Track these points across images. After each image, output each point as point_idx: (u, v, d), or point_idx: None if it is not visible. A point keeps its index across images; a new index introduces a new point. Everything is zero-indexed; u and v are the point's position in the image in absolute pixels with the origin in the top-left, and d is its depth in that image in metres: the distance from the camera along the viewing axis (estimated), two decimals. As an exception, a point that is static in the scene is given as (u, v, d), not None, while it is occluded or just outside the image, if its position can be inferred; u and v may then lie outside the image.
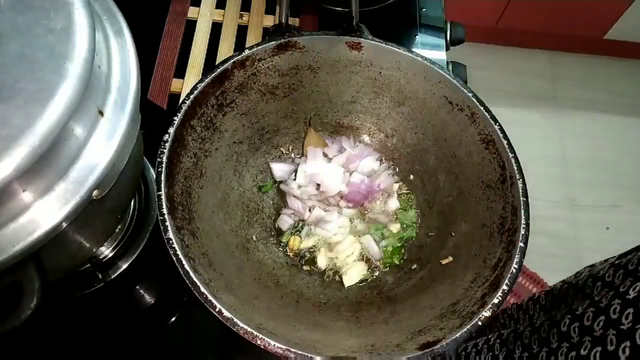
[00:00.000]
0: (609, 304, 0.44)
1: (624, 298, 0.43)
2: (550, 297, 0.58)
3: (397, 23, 0.84)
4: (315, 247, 0.61)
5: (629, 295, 0.42)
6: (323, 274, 0.59)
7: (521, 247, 0.47)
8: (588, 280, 0.51)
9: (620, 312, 0.42)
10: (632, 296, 0.42)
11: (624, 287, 0.44)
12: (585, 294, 0.49)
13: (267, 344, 0.41)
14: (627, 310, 0.42)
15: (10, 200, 0.33)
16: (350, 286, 0.58)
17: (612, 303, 0.43)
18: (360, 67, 0.61)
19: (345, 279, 0.58)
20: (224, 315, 0.42)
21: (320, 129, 0.66)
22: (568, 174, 1.78)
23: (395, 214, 0.63)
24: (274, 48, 0.58)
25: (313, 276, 0.59)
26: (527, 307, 0.60)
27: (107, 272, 0.58)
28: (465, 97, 0.57)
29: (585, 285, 0.51)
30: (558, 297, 0.56)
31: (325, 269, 0.59)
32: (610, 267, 0.49)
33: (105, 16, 0.43)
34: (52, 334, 0.56)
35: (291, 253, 0.60)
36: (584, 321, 0.45)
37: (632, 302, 0.42)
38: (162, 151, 0.48)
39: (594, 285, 0.49)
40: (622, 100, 1.96)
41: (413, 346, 0.44)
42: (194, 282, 0.43)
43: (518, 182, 0.51)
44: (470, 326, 0.43)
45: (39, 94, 0.33)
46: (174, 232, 0.45)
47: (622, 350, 0.40)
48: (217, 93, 0.55)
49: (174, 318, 0.60)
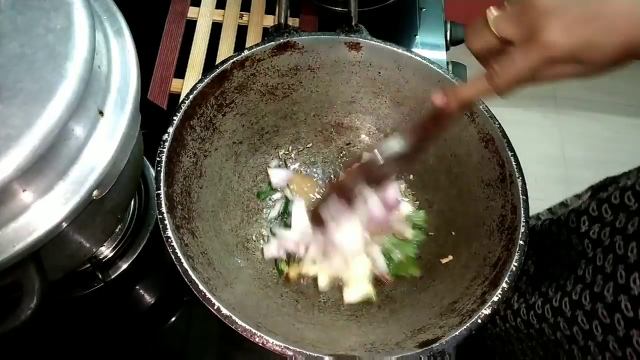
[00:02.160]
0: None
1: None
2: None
3: (397, 23, 0.84)
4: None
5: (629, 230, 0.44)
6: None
7: (521, 245, 0.47)
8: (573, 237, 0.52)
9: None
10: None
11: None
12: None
13: (265, 342, 0.41)
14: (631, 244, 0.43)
15: (10, 200, 0.33)
16: (334, 301, 0.55)
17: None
18: (359, 68, 0.61)
19: (346, 293, 0.55)
20: (223, 313, 0.42)
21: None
22: (568, 174, 1.78)
23: (406, 218, 0.61)
24: (273, 48, 0.58)
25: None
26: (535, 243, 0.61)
27: (107, 272, 0.58)
28: (464, 96, 0.57)
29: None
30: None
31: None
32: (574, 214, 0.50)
33: (105, 16, 0.43)
34: (52, 334, 0.56)
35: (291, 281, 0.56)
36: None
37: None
38: (161, 150, 0.48)
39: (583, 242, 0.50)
40: (622, 100, 1.95)
41: (412, 344, 0.44)
42: (193, 279, 0.43)
43: (517, 180, 0.51)
44: (470, 324, 0.43)
45: (39, 94, 0.33)
46: (172, 230, 0.45)
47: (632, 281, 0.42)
48: (217, 93, 0.56)
49: (174, 318, 0.60)
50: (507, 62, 0.36)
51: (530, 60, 0.35)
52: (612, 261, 0.46)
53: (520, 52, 0.35)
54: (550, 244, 0.58)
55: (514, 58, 0.36)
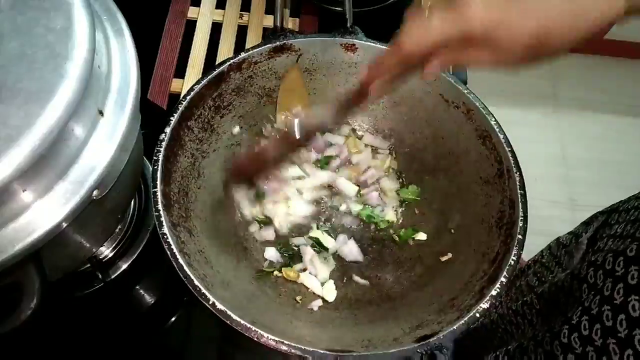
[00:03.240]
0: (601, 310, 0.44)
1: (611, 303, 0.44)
2: (542, 301, 0.58)
3: (397, 23, 0.84)
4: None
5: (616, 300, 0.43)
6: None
7: (519, 239, 0.48)
8: (574, 283, 0.51)
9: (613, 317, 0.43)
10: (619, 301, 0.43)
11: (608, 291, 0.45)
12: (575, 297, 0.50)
13: (260, 337, 0.42)
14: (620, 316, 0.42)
15: (10, 200, 0.33)
16: (334, 300, 0.56)
17: (603, 309, 0.44)
18: (355, 69, 0.61)
19: (327, 297, 0.56)
20: (218, 308, 0.42)
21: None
22: (568, 174, 1.78)
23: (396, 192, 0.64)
24: (270, 51, 0.58)
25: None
26: (524, 313, 0.61)
27: (107, 272, 0.59)
28: (460, 94, 0.57)
29: (572, 288, 0.51)
30: (550, 302, 0.56)
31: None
32: (589, 265, 0.49)
33: (105, 16, 0.43)
34: (52, 334, 0.56)
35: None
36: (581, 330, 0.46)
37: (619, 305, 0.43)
38: (158, 150, 0.49)
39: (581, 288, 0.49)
40: (622, 100, 1.95)
41: (410, 339, 0.44)
42: (188, 275, 0.43)
43: (515, 175, 0.51)
44: (468, 318, 0.44)
45: (39, 94, 0.33)
46: (169, 227, 0.45)
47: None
48: (214, 95, 0.56)
49: (174, 318, 0.60)
50: (421, 21, 0.36)
51: (445, 27, 0.35)
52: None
53: (438, 16, 0.35)
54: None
55: (430, 19, 0.36)
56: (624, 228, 0.51)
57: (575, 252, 0.61)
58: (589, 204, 1.78)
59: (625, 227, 0.51)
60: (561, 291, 0.53)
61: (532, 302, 0.59)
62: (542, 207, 1.67)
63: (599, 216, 0.63)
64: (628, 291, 0.42)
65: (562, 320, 0.49)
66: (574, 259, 0.60)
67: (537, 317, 0.58)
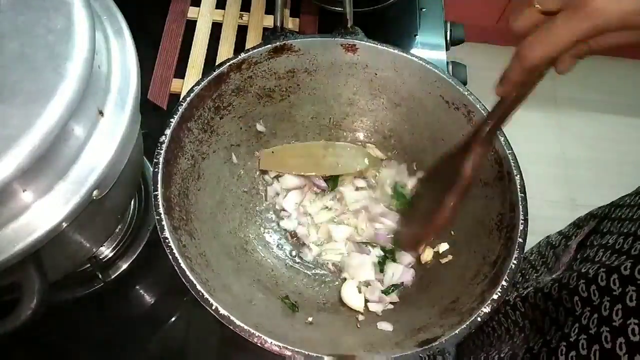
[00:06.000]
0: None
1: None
2: (527, 304, 0.58)
3: (397, 23, 0.84)
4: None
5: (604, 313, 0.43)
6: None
7: (520, 242, 0.48)
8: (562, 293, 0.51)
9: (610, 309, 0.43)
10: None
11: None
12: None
13: (263, 342, 0.41)
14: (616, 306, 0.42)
15: (10, 200, 0.33)
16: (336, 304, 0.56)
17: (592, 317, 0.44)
18: (356, 69, 0.61)
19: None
20: (221, 313, 0.42)
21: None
22: (568, 174, 1.78)
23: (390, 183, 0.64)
24: (270, 51, 0.58)
25: (312, 277, 0.59)
26: (507, 312, 0.60)
27: (107, 272, 0.59)
28: (461, 95, 0.57)
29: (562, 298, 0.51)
30: (536, 307, 0.56)
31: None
32: (579, 277, 0.49)
33: (105, 16, 0.43)
34: (52, 334, 0.56)
35: None
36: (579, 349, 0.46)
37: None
38: (158, 152, 0.49)
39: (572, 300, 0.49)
40: (622, 100, 1.95)
41: (412, 344, 0.44)
42: (191, 280, 0.43)
43: (515, 178, 0.51)
44: (470, 322, 0.44)
45: (39, 94, 0.33)
46: (170, 231, 0.45)
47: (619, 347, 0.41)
48: (214, 96, 0.56)
49: (174, 318, 0.60)
50: (544, 30, 0.33)
51: (574, 28, 0.32)
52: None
53: (563, 19, 0.32)
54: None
55: (554, 25, 0.32)
56: (616, 240, 0.50)
57: (562, 256, 0.60)
58: (589, 204, 1.78)
59: (617, 240, 0.50)
60: (549, 299, 0.53)
61: (515, 303, 0.59)
62: (542, 207, 1.67)
63: (590, 220, 0.63)
64: (627, 314, 0.42)
65: (560, 336, 0.49)
66: (560, 262, 0.59)
67: (522, 319, 0.58)
